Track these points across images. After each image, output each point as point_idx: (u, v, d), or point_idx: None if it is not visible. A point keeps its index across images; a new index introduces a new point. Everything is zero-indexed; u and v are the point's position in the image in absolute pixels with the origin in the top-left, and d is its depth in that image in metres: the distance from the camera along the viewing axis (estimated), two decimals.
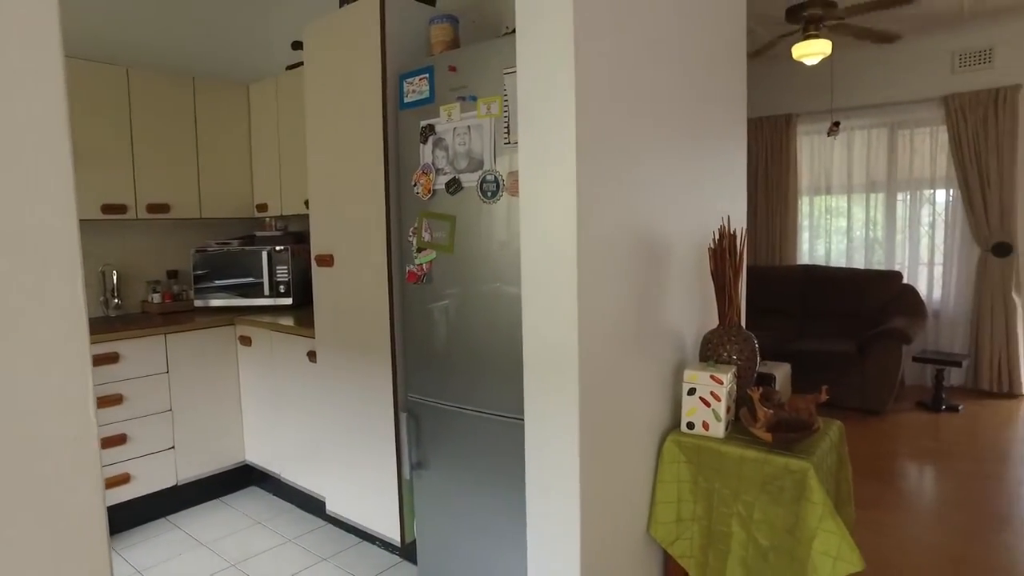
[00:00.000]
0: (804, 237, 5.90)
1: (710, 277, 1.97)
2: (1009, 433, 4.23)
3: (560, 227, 1.56)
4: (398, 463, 2.45)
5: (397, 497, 2.48)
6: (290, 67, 3.46)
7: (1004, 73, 4.88)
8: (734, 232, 1.91)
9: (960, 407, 4.66)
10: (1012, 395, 4.93)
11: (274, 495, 3.39)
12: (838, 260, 5.75)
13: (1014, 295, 4.84)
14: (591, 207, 1.58)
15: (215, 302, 3.52)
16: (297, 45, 3.46)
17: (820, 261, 5.84)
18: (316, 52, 2.66)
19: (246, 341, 3.28)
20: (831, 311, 5.21)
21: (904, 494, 3.37)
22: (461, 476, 2.28)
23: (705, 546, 1.83)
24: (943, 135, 5.12)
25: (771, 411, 1.74)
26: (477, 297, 2.16)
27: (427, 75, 2.24)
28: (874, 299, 5.02)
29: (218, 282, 3.52)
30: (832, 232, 5.82)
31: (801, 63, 4.32)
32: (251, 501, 3.36)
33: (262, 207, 3.69)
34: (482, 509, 2.23)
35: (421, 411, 2.38)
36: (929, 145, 5.25)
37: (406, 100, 2.31)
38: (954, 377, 5.13)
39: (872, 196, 5.56)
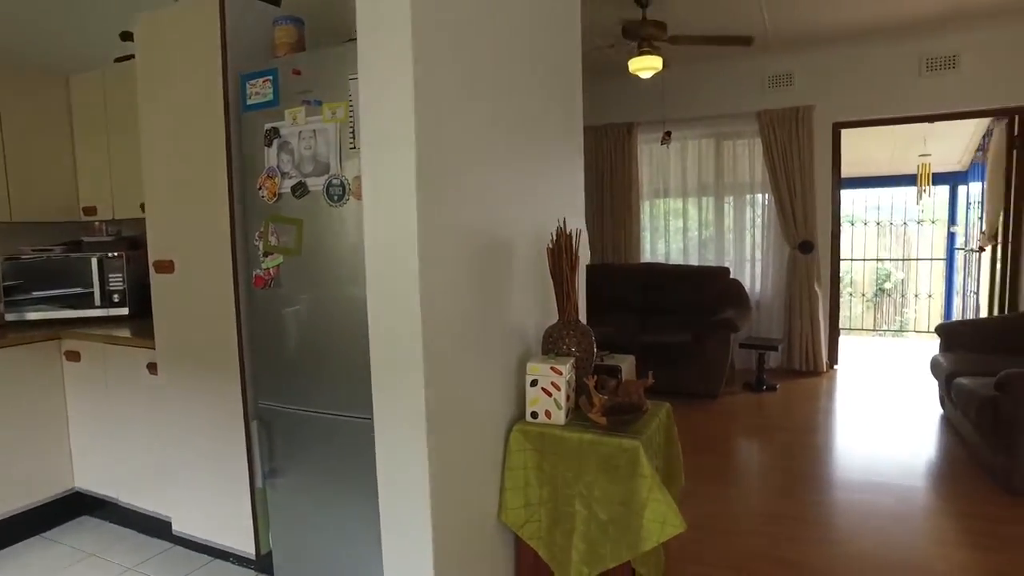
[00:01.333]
0: (646, 237, 6.37)
1: (550, 275, 2.11)
2: (815, 405, 4.85)
3: (401, 230, 1.62)
4: (250, 473, 2.39)
5: (250, 508, 2.41)
6: (119, 59, 3.23)
7: (802, 94, 5.58)
8: (570, 232, 2.07)
9: (777, 386, 5.26)
10: (817, 372, 5.64)
11: (110, 522, 3.14)
12: (676, 258, 6.28)
13: (816, 286, 5.54)
14: (432, 210, 1.66)
15: (32, 315, 3.20)
16: (127, 36, 3.23)
17: (661, 259, 6.34)
18: (149, 46, 2.52)
19: (73, 356, 3.01)
20: (671, 305, 5.67)
21: (733, 466, 3.77)
22: (317, 481, 2.27)
23: (552, 527, 1.97)
24: (759, 146, 5.74)
25: (605, 397, 1.91)
26: (327, 300, 2.17)
27: (271, 77, 2.21)
28: (707, 293, 5.53)
29: (36, 293, 3.21)
30: (671, 232, 6.34)
31: (639, 76, 4.67)
32: (82, 532, 3.08)
33: (89, 210, 3.40)
34: (339, 512, 2.23)
35: (273, 418, 2.34)
36: (748, 155, 5.88)
37: (249, 102, 2.26)
38: (773, 360, 5.77)
39: (703, 200, 6.12)
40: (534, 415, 1.98)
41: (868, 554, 2.68)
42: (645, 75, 4.46)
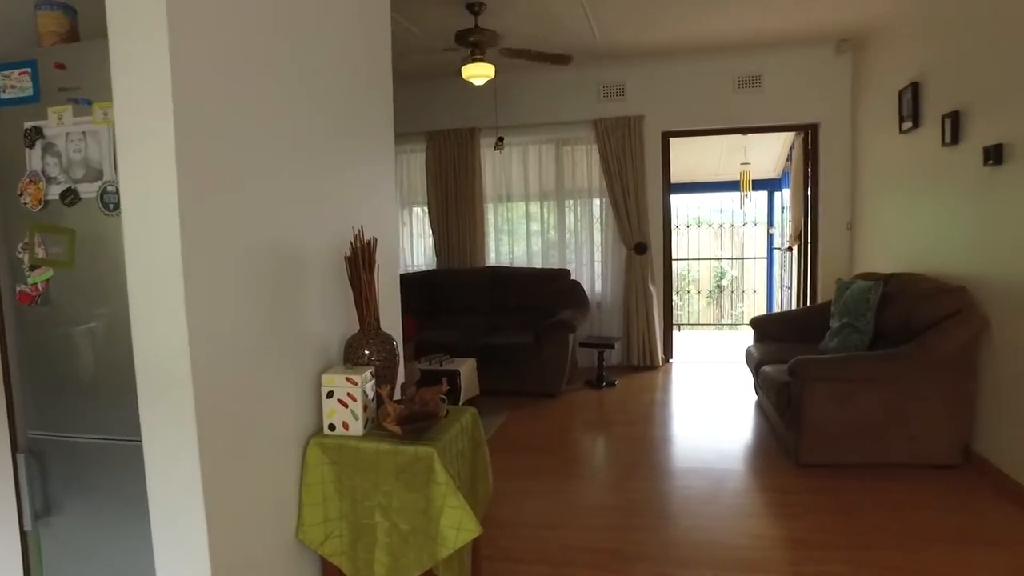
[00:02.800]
0: (491, 240, 6.48)
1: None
2: (650, 398, 5.14)
3: (164, 240, 1.52)
4: (19, 514, 2.13)
5: (20, 554, 2.16)
6: None
7: (633, 104, 5.93)
8: (368, 240, 2.04)
9: (617, 382, 5.53)
10: (654, 367, 6.00)
11: None
12: (521, 260, 6.43)
13: (650, 286, 5.89)
14: (201, 219, 1.57)
15: None
16: None
17: (505, 262, 6.47)
18: None
19: None
20: (515, 307, 5.80)
21: (567, 462, 3.90)
22: (103, 513, 2.07)
23: (354, 540, 1.93)
24: (595, 152, 6.02)
25: (401, 406, 1.90)
26: (105, 316, 1.98)
27: (28, 69, 1.99)
28: (548, 294, 5.70)
29: None
30: (515, 235, 6.48)
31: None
32: None
33: None
34: (127, 545, 2.05)
35: (48, 449, 2.10)
36: (586, 160, 6.15)
37: (3, 96, 2.03)
38: (614, 357, 6.07)
39: (546, 203, 6.32)
40: (332, 427, 1.93)
41: (680, 537, 2.87)
42: (478, 82, 4.53)
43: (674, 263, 11.55)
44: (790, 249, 6.69)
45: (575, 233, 6.28)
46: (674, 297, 11.62)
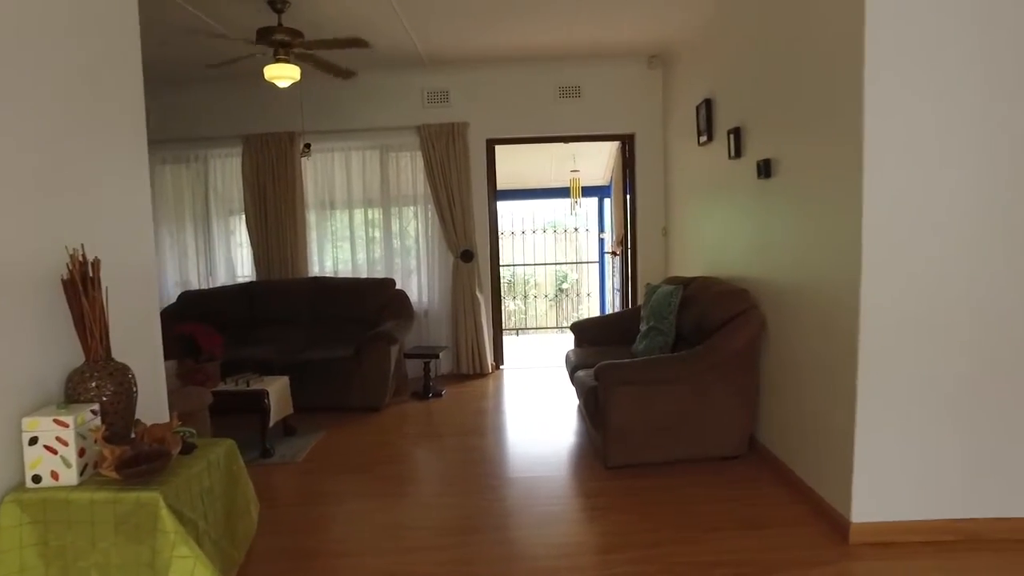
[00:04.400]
0: (314, 250, 6.17)
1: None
2: (476, 407, 5.11)
3: None
4: None
5: None
6: None
7: (457, 111, 5.90)
8: (92, 260, 1.77)
9: (444, 392, 5.46)
10: (483, 374, 6.00)
11: None
12: (345, 271, 6.18)
13: (478, 293, 5.89)
14: None
15: None
16: None
17: (329, 272, 6.19)
18: None
19: None
20: (338, 319, 5.55)
21: (385, 480, 3.72)
22: None
23: None
24: (420, 159, 5.91)
25: (122, 448, 1.66)
26: None
27: None
28: (373, 305, 5.51)
29: None
30: (339, 245, 6.22)
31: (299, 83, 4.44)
32: None
33: None
34: None
35: None
36: (411, 167, 6.03)
37: None
38: (444, 365, 5.99)
39: (371, 211, 6.12)
40: (36, 479, 1.65)
41: (484, 553, 2.81)
42: (282, 84, 4.26)
43: (520, 268, 11.90)
44: (614, 254, 6.99)
45: (401, 241, 6.14)
46: (516, 302, 11.90)
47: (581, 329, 5.11)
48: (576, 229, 10.80)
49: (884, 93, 2.54)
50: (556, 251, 11.39)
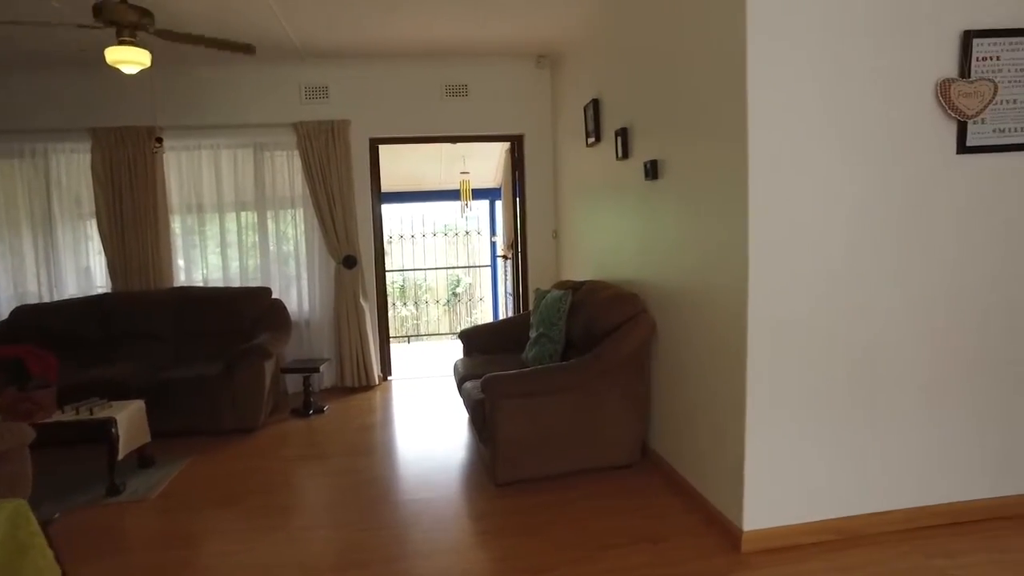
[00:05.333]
0: (180, 257, 5.60)
1: None
2: (360, 423, 4.77)
3: None
4: None
5: None
6: None
7: (338, 108, 5.54)
8: None
9: (326, 408, 5.08)
10: (370, 387, 5.66)
11: None
12: (216, 280, 5.65)
13: (362, 301, 5.55)
14: None
15: None
16: None
17: (200, 282, 5.64)
18: None
19: None
20: (208, 333, 5.05)
21: (252, 512, 3.34)
22: None
23: None
24: (298, 159, 5.50)
25: None
26: None
27: None
28: (247, 317, 5.06)
29: None
30: (208, 251, 5.68)
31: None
32: None
33: None
34: None
35: None
36: (288, 167, 5.60)
37: None
38: (327, 379, 5.61)
39: (244, 214, 5.63)
40: None
41: None
42: (128, 70, 3.76)
43: (412, 273, 11.55)
44: (506, 257, 6.85)
45: (279, 247, 5.69)
46: (408, 308, 11.55)
47: (470, 337, 4.90)
48: (467, 232, 10.65)
49: (768, 97, 2.50)
50: (449, 255, 11.18)
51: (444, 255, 11.15)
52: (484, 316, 10.48)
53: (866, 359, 2.70)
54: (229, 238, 5.65)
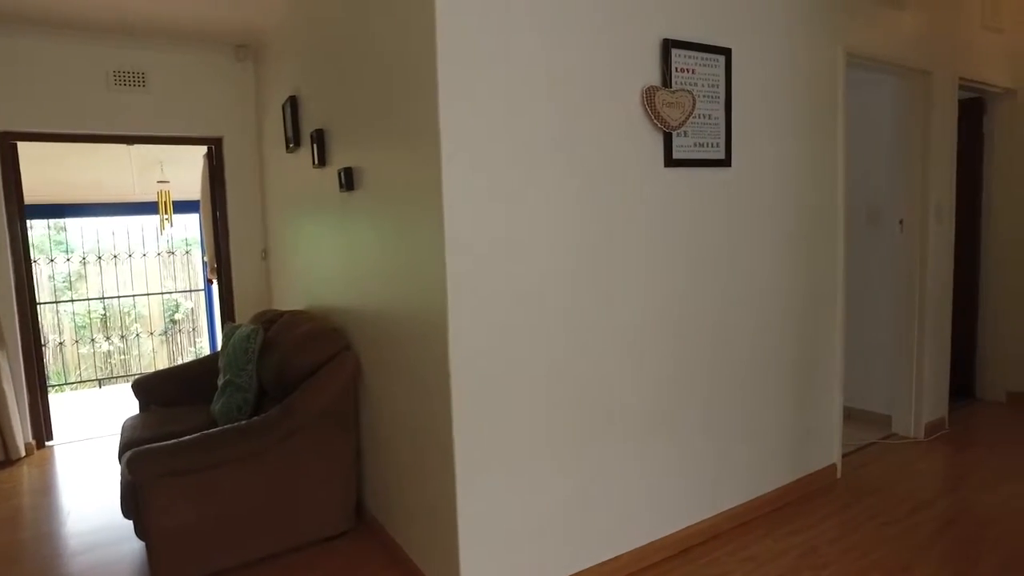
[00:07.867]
0: None
1: None
2: None
3: None
4: None
5: None
6: None
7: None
8: None
9: None
10: (12, 461, 4.28)
11: None
12: None
13: None
14: None
15: None
16: None
17: None
18: None
19: None
20: None
21: None
22: None
23: None
24: None
25: None
26: None
27: None
28: None
29: None
30: None
31: None
32: None
33: None
34: None
35: None
36: None
37: None
38: None
39: None
40: None
41: None
42: None
43: (115, 301, 9.63)
44: (210, 282, 5.80)
45: None
46: (112, 343, 9.62)
47: (147, 388, 3.86)
48: (188, 251, 9.22)
49: (461, 110, 2.07)
50: (165, 277, 9.56)
51: (159, 277, 9.50)
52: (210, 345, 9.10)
53: (574, 386, 2.41)
54: None
